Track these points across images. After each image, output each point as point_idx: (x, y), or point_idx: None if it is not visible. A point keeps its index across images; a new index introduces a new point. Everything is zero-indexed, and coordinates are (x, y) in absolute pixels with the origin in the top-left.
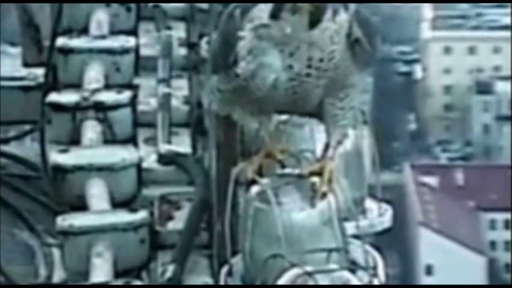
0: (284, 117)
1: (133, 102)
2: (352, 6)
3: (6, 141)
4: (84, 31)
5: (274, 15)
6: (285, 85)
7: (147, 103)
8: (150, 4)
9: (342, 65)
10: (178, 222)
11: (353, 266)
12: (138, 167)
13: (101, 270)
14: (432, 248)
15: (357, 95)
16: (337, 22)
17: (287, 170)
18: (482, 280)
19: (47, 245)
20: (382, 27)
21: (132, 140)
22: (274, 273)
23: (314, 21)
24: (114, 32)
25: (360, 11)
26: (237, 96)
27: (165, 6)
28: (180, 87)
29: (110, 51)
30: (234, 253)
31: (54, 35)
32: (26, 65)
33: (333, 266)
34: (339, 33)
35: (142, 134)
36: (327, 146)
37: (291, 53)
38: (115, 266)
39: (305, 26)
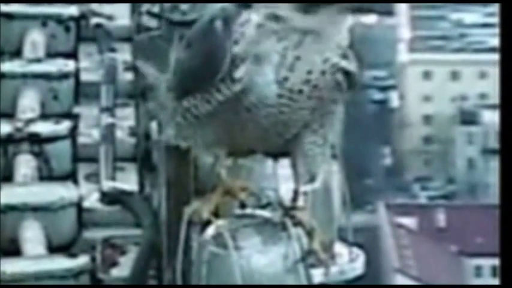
0: None
1: (73, 134)
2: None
3: None
4: (17, 53)
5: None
6: (272, 101)
7: (89, 135)
8: (92, 23)
9: (331, 87)
10: (123, 269)
11: None
12: (78, 206)
13: None
14: None
15: (333, 127)
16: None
17: (247, 211)
18: None
19: None
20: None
21: (71, 177)
22: None
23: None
24: (51, 54)
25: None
26: (214, 120)
27: (109, 25)
28: (126, 117)
29: (47, 76)
30: None
31: None
32: None
33: None
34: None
35: (83, 169)
36: (295, 194)
37: (297, 57)
38: None
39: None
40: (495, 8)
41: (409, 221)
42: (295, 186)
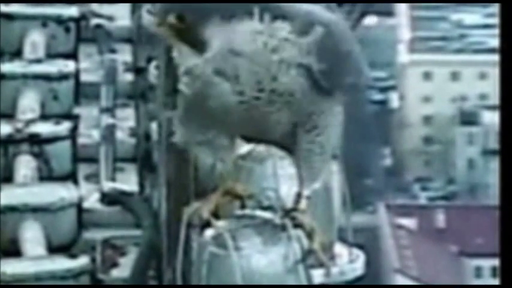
0: (243, 151)
1: (73, 135)
2: (320, 30)
3: None
4: (17, 54)
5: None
6: (233, 107)
7: (89, 135)
8: (92, 24)
9: (304, 85)
10: (123, 270)
11: None
12: (79, 207)
13: None
14: None
15: (332, 133)
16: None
17: (247, 211)
18: None
19: None
20: None
21: (71, 177)
22: None
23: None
24: (51, 55)
25: (332, 35)
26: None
27: (109, 26)
28: (126, 118)
29: (47, 77)
30: None
31: None
32: None
33: None
34: (280, 51)
35: (83, 170)
36: (298, 196)
37: (236, 76)
38: None
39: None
40: (495, 8)
41: (409, 222)
42: (298, 189)
